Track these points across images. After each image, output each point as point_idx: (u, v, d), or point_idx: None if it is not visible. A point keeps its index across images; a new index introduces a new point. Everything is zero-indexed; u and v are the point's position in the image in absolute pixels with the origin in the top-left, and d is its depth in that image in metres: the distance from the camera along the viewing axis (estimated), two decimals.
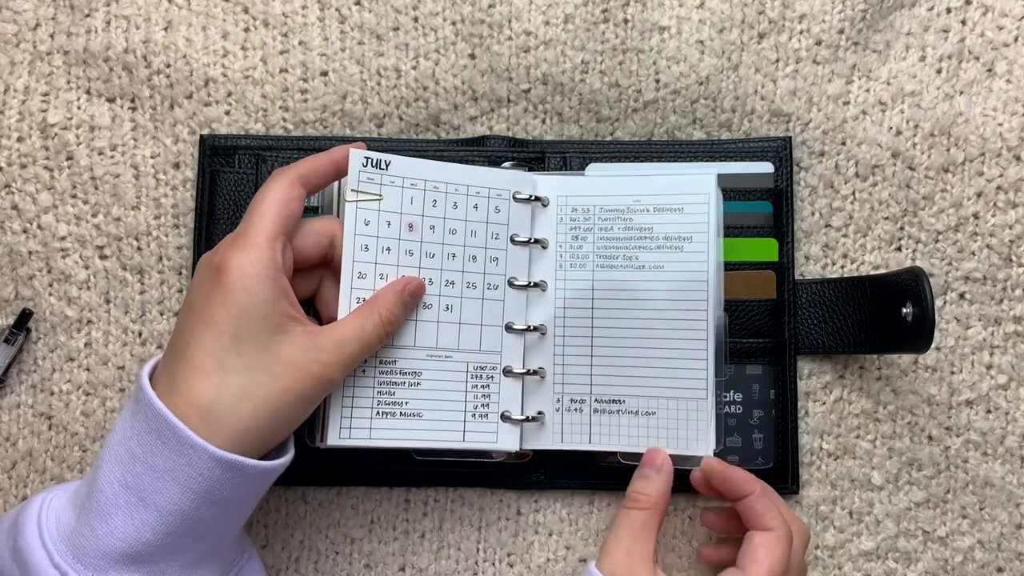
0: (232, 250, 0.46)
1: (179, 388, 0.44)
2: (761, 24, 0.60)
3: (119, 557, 0.43)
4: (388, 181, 0.52)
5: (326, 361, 0.46)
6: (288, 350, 0.45)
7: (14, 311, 0.58)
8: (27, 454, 0.58)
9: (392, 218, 0.52)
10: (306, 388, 0.46)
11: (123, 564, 0.43)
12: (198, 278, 0.46)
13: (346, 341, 0.47)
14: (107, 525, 0.43)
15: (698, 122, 0.60)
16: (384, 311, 0.49)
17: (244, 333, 0.45)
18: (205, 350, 0.44)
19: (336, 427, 0.51)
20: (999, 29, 0.60)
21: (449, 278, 0.53)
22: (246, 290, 0.45)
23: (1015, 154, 0.59)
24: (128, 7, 0.60)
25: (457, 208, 0.54)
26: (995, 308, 0.59)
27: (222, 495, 0.44)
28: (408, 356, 0.52)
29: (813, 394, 0.59)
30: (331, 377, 0.47)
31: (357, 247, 0.51)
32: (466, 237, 0.54)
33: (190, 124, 0.59)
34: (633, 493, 0.52)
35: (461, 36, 0.60)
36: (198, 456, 0.43)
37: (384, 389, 0.52)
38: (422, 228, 0.53)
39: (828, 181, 0.60)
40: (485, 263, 0.54)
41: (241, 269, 0.45)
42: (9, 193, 0.59)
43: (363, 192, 0.51)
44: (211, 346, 0.44)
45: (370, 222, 0.51)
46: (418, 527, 0.58)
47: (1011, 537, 0.58)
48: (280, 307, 0.46)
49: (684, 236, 0.55)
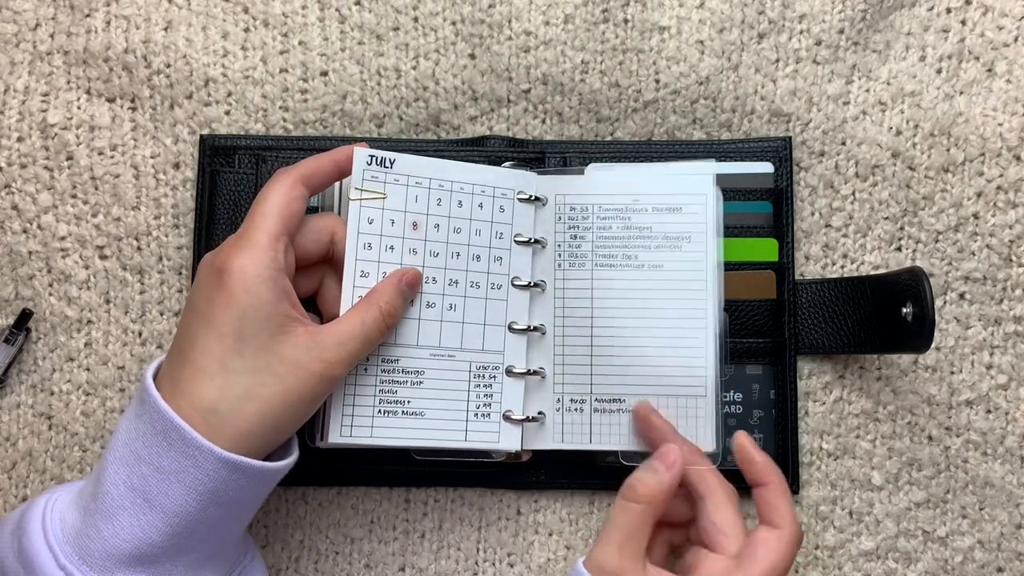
0: (234, 251, 0.46)
1: (183, 390, 0.44)
2: (761, 24, 0.60)
3: (125, 558, 0.43)
4: (392, 179, 0.52)
5: (329, 359, 0.46)
6: (291, 350, 0.45)
7: (14, 311, 0.58)
8: (27, 454, 0.58)
9: (396, 216, 0.52)
10: (310, 387, 0.46)
11: (129, 565, 0.43)
12: (200, 280, 0.46)
13: (348, 338, 0.47)
14: (113, 526, 0.43)
15: (698, 122, 0.60)
16: (383, 304, 0.49)
17: (247, 334, 0.45)
18: (208, 352, 0.45)
19: (337, 425, 0.51)
20: (999, 29, 0.60)
21: (453, 277, 0.53)
22: (248, 291, 0.45)
23: (1015, 154, 0.59)
24: (128, 7, 0.60)
25: (462, 207, 0.54)
26: (995, 308, 0.59)
27: (227, 496, 0.44)
28: (411, 355, 0.52)
29: (813, 394, 0.59)
30: (334, 375, 0.47)
31: (360, 245, 0.51)
32: (470, 236, 0.54)
33: (190, 124, 0.59)
34: (633, 482, 0.50)
35: (461, 36, 0.60)
36: (204, 458, 0.43)
37: (386, 388, 0.52)
38: (426, 227, 0.53)
39: (828, 181, 0.60)
40: (489, 263, 0.54)
41: (243, 270, 0.45)
42: (9, 193, 0.59)
43: (367, 190, 0.51)
44: (214, 348, 0.45)
45: (374, 220, 0.51)
46: (418, 527, 0.58)
47: (1011, 537, 0.58)
48: (282, 308, 0.46)
49: (683, 235, 0.55)
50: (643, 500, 0.49)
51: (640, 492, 0.49)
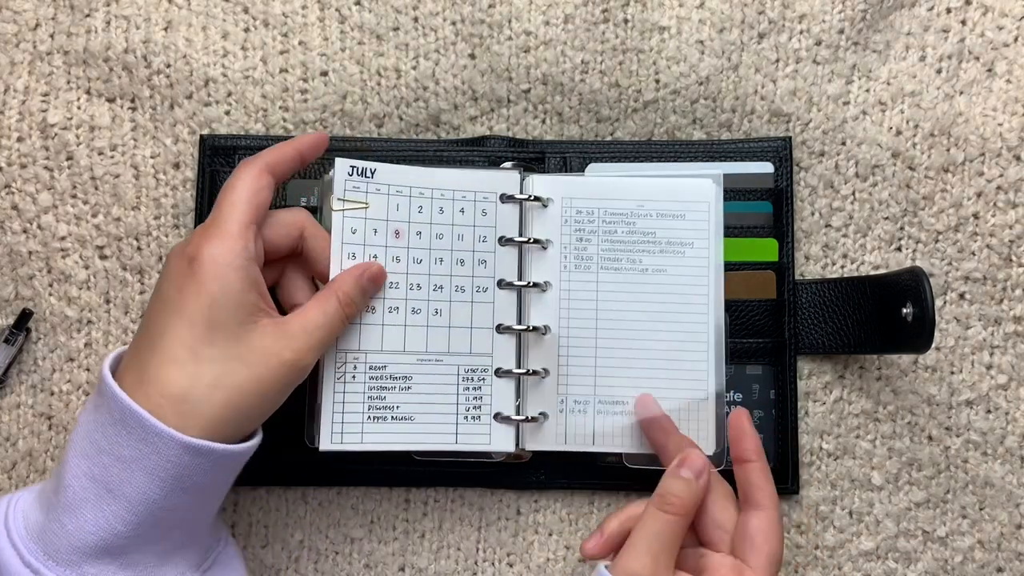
0: (205, 240, 0.45)
1: (151, 378, 0.44)
2: (761, 24, 0.60)
3: (91, 550, 0.43)
4: (374, 189, 0.53)
5: (297, 348, 0.46)
6: (259, 339, 0.46)
7: (14, 311, 0.58)
8: (27, 454, 0.58)
9: (379, 225, 0.53)
10: (280, 376, 0.46)
11: (96, 557, 0.43)
12: (170, 269, 0.46)
13: (313, 327, 0.48)
14: (77, 519, 0.43)
15: (698, 122, 0.60)
16: (341, 295, 0.49)
17: (217, 323, 0.45)
18: (178, 340, 0.44)
19: (328, 432, 0.51)
20: (999, 29, 0.60)
21: (437, 282, 0.53)
22: (219, 280, 0.45)
23: (1015, 154, 0.59)
24: (128, 7, 0.60)
25: (443, 213, 0.54)
26: (995, 308, 0.59)
27: (192, 481, 0.44)
28: (398, 361, 0.52)
29: (813, 394, 0.59)
30: (304, 363, 0.47)
31: (344, 255, 0.51)
32: (453, 241, 0.54)
33: (190, 124, 0.59)
34: (668, 496, 0.49)
35: (461, 36, 0.60)
36: (164, 444, 0.43)
37: (374, 394, 0.52)
38: (408, 234, 0.53)
39: (828, 181, 0.60)
40: (473, 266, 0.54)
41: (214, 259, 0.45)
42: (9, 193, 0.59)
43: (350, 200, 0.52)
44: (184, 336, 0.44)
45: (357, 230, 0.52)
46: (418, 527, 0.58)
47: (1011, 537, 0.58)
48: (251, 297, 0.46)
49: (686, 241, 0.56)
50: (679, 512, 0.49)
51: (674, 504, 0.49)
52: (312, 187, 0.57)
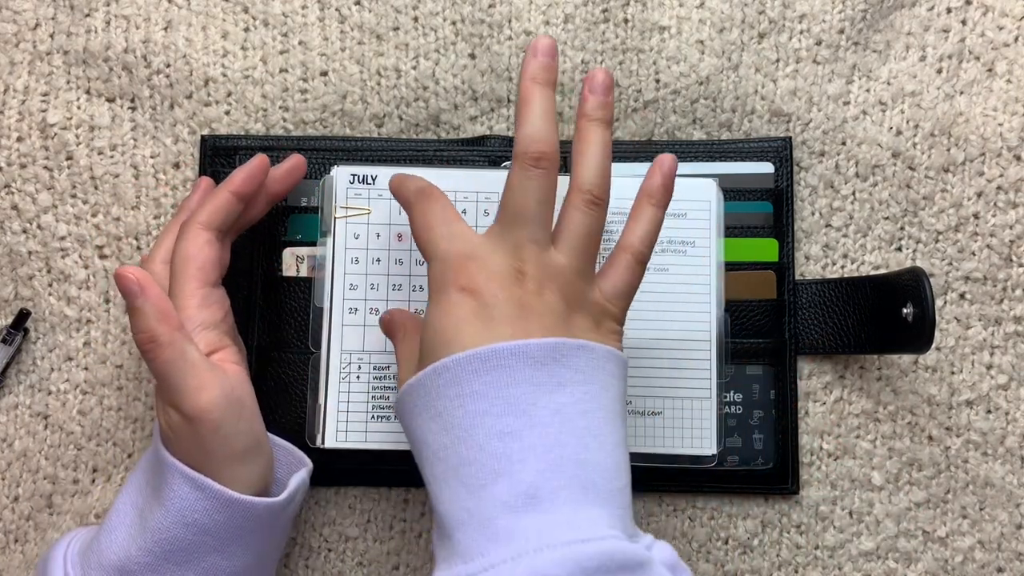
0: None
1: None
2: (761, 24, 0.60)
3: (111, 570, 0.47)
4: (376, 194, 0.54)
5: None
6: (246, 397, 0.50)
7: (14, 311, 0.58)
8: (22, 454, 0.58)
9: (381, 230, 0.54)
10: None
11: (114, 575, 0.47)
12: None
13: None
14: (109, 539, 0.47)
15: (698, 122, 0.60)
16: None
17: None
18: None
19: (333, 431, 0.53)
20: (999, 29, 0.60)
21: None
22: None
23: (1015, 154, 0.59)
24: (128, 7, 0.60)
25: None
26: (995, 308, 0.59)
27: (192, 518, 0.46)
28: None
29: (813, 394, 0.58)
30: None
31: (348, 260, 0.53)
32: None
33: (190, 124, 0.59)
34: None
35: (461, 36, 0.60)
36: (170, 472, 0.46)
37: (378, 395, 0.53)
38: (411, 237, 0.53)
39: (828, 181, 0.60)
40: None
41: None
42: (9, 193, 0.59)
43: (352, 207, 0.54)
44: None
45: (359, 235, 0.54)
46: (415, 527, 0.58)
47: (1011, 537, 0.58)
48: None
49: (687, 240, 0.56)
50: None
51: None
52: (313, 187, 0.57)
